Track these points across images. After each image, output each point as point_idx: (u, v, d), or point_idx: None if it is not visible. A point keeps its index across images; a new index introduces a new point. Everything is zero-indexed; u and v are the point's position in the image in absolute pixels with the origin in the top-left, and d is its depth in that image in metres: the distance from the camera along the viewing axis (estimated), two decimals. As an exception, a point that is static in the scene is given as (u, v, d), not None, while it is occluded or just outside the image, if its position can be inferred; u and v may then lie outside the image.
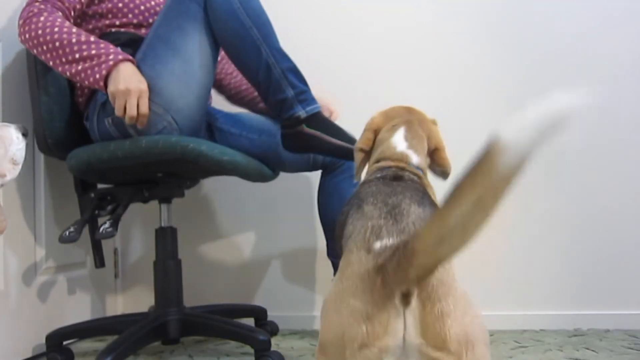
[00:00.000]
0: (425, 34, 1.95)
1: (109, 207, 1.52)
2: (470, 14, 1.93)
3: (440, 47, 1.94)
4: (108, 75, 1.31)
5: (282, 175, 1.72)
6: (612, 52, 1.85)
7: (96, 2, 1.51)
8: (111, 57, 1.32)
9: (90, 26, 1.51)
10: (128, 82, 1.29)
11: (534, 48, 1.89)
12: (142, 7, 1.53)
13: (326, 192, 1.64)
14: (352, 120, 1.89)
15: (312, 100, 1.40)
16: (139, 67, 1.36)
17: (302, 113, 1.38)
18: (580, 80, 1.86)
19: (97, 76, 1.31)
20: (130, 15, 1.51)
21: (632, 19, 1.85)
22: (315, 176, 1.72)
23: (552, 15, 1.89)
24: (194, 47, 1.38)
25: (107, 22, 1.50)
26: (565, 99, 0.51)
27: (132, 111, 1.30)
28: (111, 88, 1.30)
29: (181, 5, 1.38)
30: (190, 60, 1.38)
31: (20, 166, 0.98)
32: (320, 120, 1.39)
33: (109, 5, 1.50)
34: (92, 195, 1.55)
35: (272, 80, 1.37)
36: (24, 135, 1.00)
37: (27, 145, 1.01)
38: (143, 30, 1.53)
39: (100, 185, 1.62)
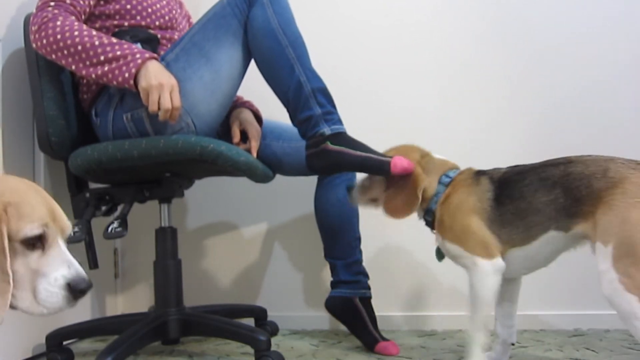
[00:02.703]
0: (424, 32, 1.95)
1: (104, 208, 1.51)
2: (470, 13, 1.93)
3: (439, 45, 1.94)
4: (137, 74, 1.33)
5: (283, 175, 1.72)
6: (612, 51, 1.85)
7: (102, 2, 1.51)
8: (137, 55, 1.33)
9: (97, 25, 1.51)
10: (159, 77, 1.32)
11: (533, 46, 1.89)
12: (150, 10, 1.54)
13: (323, 195, 1.64)
14: (351, 119, 1.90)
15: (338, 121, 1.43)
16: (169, 67, 1.39)
17: (326, 130, 1.39)
18: (580, 78, 1.86)
19: (127, 75, 1.32)
20: (138, 17, 1.52)
21: (632, 19, 1.85)
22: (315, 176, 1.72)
23: (551, 14, 1.89)
24: (226, 58, 1.44)
25: (115, 22, 1.51)
26: None
27: (167, 104, 1.32)
28: (143, 84, 1.32)
29: (222, 20, 1.43)
30: (219, 69, 1.43)
31: (44, 310, 0.78)
32: (345, 139, 1.39)
33: (117, 7, 1.51)
34: (87, 195, 1.53)
35: (302, 98, 1.40)
36: (71, 288, 0.77)
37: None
38: (151, 32, 1.54)
39: (93, 185, 1.61)
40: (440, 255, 1.34)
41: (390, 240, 1.90)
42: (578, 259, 1.83)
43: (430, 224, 1.33)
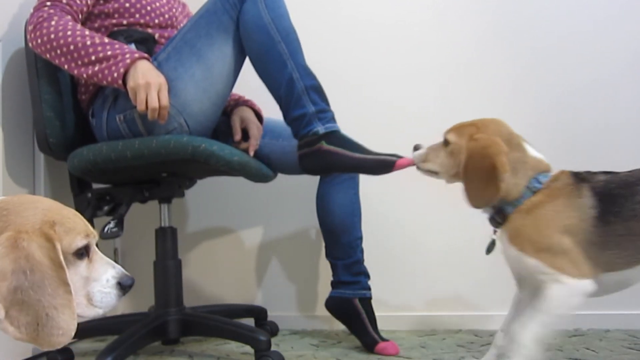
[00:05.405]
0: (425, 32, 1.95)
1: (106, 208, 1.52)
2: (471, 12, 1.93)
3: (440, 45, 1.94)
4: (126, 73, 1.32)
5: (283, 175, 1.72)
6: (613, 50, 1.85)
7: (102, 1, 1.51)
8: (127, 55, 1.33)
9: (96, 25, 1.51)
10: (147, 76, 1.31)
11: (534, 45, 1.89)
12: (149, 8, 1.54)
13: (325, 194, 1.64)
14: (352, 119, 1.90)
15: (332, 119, 1.40)
16: (160, 66, 1.38)
17: (320, 129, 1.37)
18: (581, 77, 1.86)
19: (116, 75, 1.32)
20: (137, 16, 1.52)
21: (633, 17, 1.85)
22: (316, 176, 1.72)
23: (552, 13, 1.89)
24: (218, 56, 1.42)
25: (114, 21, 1.51)
26: None
27: (153, 103, 1.30)
28: (131, 83, 1.31)
29: (214, 16, 1.41)
30: (212, 68, 1.41)
31: (99, 310, 0.86)
32: (339, 139, 1.37)
33: (116, 5, 1.51)
34: (89, 195, 1.54)
35: (294, 95, 1.38)
36: (121, 286, 0.89)
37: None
38: (149, 31, 1.53)
39: (96, 185, 1.62)
40: (490, 249, 1.22)
41: (391, 240, 1.90)
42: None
43: (497, 224, 1.17)
